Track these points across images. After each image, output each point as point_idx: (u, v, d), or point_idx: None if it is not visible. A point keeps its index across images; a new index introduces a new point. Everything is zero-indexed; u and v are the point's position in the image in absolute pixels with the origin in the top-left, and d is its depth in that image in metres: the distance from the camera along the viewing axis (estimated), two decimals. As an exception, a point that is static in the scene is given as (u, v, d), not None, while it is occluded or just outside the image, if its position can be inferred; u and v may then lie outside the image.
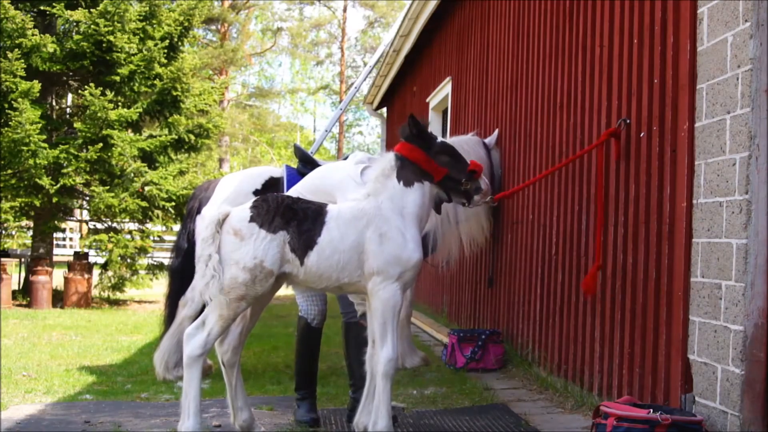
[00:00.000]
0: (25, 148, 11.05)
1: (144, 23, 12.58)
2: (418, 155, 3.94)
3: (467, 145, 6.64)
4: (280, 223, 3.74)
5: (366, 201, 3.90)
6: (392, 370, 3.79)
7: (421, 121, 3.99)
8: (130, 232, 13.02)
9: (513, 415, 4.84)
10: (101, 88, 11.68)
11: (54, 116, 13.00)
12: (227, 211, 3.83)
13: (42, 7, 12.26)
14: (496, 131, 7.14)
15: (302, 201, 3.93)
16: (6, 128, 11.09)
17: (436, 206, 4.20)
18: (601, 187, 4.87)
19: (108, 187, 11.79)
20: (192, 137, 12.78)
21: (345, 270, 3.79)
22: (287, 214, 3.78)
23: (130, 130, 12.59)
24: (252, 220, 3.75)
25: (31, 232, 13.19)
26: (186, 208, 6.44)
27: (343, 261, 3.78)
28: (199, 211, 6.15)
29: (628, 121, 4.64)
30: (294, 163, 5.72)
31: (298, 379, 4.69)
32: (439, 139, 4.10)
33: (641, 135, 4.47)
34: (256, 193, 5.90)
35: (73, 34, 12.47)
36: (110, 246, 12.15)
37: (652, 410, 3.58)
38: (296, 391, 4.69)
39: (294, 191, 4.46)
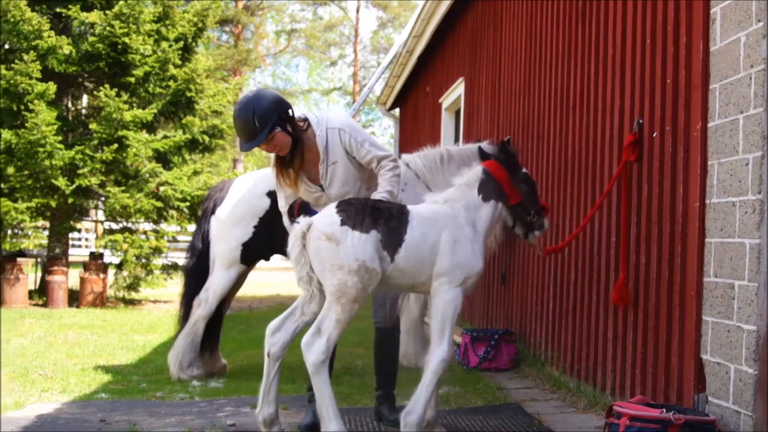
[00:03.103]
0: (41, 149, 11.14)
1: (158, 25, 12.66)
2: (503, 175, 4.17)
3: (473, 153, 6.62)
4: (369, 223, 3.82)
5: (443, 205, 4.08)
6: (442, 370, 3.98)
7: (512, 148, 4.28)
8: (144, 233, 13.09)
9: (526, 415, 4.85)
10: (116, 90, 11.77)
11: (69, 117, 13.10)
12: (309, 222, 3.86)
13: (58, 9, 12.35)
14: (507, 139, 7.07)
15: (383, 201, 4.05)
16: (22, 130, 11.18)
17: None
18: (625, 200, 4.83)
19: (123, 188, 11.87)
20: (206, 138, 12.85)
21: (424, 268, 3.93)
22: (374, 213, 3.86)
23: (144, 131, 12.67)
24: (343, 223, 3.79)
25: (47, 233, 13.28)
26: (201, 209, 6.49)
27: (423, 259, 3.91)
28: (213, 212, 6.19)
29: (641, 121, 4.64)
30: None
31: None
32: (523, 170, 4.35)
33: (654, 135, 4.47)
34: (269, 194, 5.93)
35: (89, 35, 12.56)
36: (125, 246, 12.23)
37: (665, 410, 3.58)
38: (307, 390, 4.70)
39: None
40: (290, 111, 4.25)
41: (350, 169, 4.35)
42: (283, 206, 4.59)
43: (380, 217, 3.85)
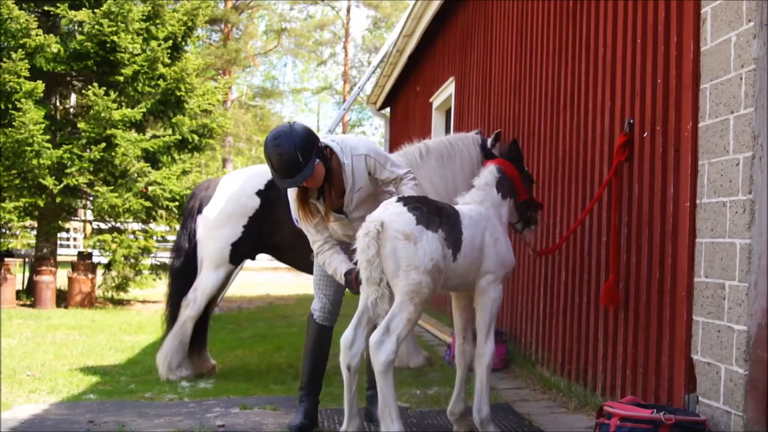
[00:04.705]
0: (28, 148, 11.07)
1: (147, 23, 12.61)
2: (515, 173, 4.43)
3: (462, 143, 6.62)
4: (437, 222, 3.83)
5: (477, 206, 4.21)
6: (492, 362, 4.18)
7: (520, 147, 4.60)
8: (133, 232, 13.05)
9: (516, 415, 4.84)
10: (105, 88, 11.70)
11: (58, 116, 13.03)
12: (381, 220, 3.78)
13: (46, 8, 12.29)
14: (497, 132, 7.07)
15: (437, 201, 4.09)
16: (10, 128, 11.11)
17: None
18: (615, 200, 4.83)
19: (112, 187, 11.82)
20: (195, 137, 12.81)
21: (473, 267, 4.03)
22: (438, 213, 3.88)
23: (133, 130, 12.62)
24: (418, 222, 3.77)
25: (35, 232, 13.22)
26: (186, 208, 6.40)
27: (475, 259, 4.01)
28: (200, 211, 6.14)
29: (632, 121, 4.64)
30: None
31: (301, 376, 4.69)
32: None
33: (645, 135, 4.47)
34: (259, 192, 5.90)
35: (77, 34, 12.49)
36: (114, 246, 12.18)
37: (655, 410, 3.58)
38: (299, 390, 4.68)
39: None
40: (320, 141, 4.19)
41: (369, 190, 4.36)
42: (316, 239, 4.38)
43: (443, 217, 3.88)
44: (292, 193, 4.32)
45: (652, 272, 4.32)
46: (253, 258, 6.27)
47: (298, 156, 3.98)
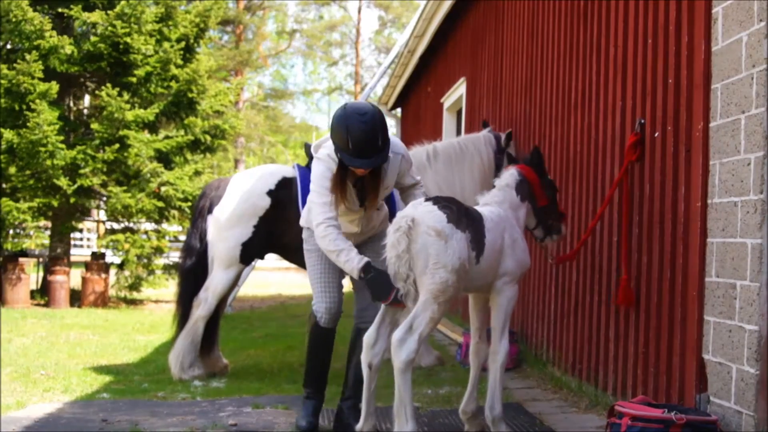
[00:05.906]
0: (42, 149, 11.16)
1: (160, 25, 12.67)
2: (534, 178, 4.52)
3: (474, 146, 6.60)
4: (465, 223, 3.85)
5: (497, 207, 4.26)
6: (506, 361, 4.24)
7: (541, 154, 4.68)
8: (146, 232, 13.11)
9: (528, 415, 4.85)
10: (118, 89, 11.78)
11: (71, 117, 13.11)
12: (412, 216, 3.77)
13: (60, 9, 12.37)
14: (509, 132, 7.08)
15: (462, 203, 4.10)
16: (24, 129, 11.19)
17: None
18: (626, 200, 4.83)
19: (125, 188, 11.88)
20: (208, 138, 12.87)
21: (493, 269, 4.08)
22: (465, 214, 3.91)
23: (146, 131, 12.69)
24: (449, 220, 3.78)
25: (49, 233, 13.30)
26: (196, 207, 6.40)
27: (495, 261, 4.06)
28: (210, 210, 6.15)
29: (643, 121, 4.64)
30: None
31: (305, 376, 4.68)
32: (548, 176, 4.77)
33: (656, 135, 4.47)
34: (269, 192, 5.91)
35: (91, 35, 12.57)
36: (127, 246, 12.25)
37: (666, 410, 3.57)
38: (303, 388, 4.69)
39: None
40: None
41: (390, 190, 4.35)
42: (328, 214, 4.07)
43: (469, 218, 3.91)
44: (327, 164, 4.08)
45: (663, 272, 4.32)
46: (262, 258, 6.28)
47: (379, 137, 3.85)
